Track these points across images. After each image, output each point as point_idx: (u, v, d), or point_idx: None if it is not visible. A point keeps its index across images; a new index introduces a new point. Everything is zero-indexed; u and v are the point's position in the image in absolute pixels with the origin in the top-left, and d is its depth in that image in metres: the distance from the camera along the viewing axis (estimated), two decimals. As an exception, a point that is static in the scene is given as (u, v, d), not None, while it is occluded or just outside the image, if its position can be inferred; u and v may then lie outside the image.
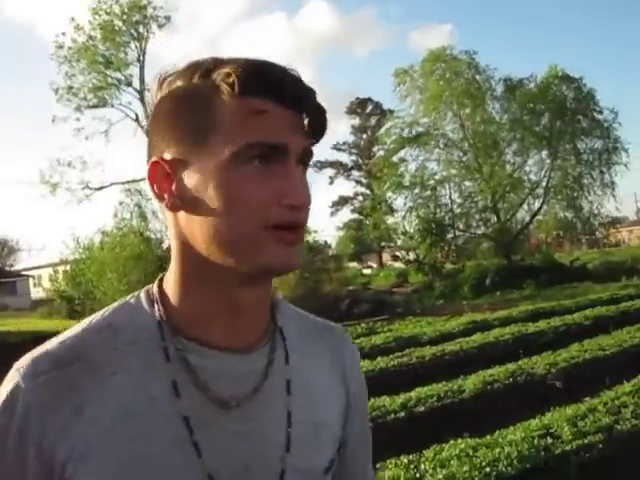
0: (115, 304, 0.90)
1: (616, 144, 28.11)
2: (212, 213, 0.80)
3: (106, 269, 22.91)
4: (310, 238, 23.44)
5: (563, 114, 27.46)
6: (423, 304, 22.36)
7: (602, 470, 4.25)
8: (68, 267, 26.28)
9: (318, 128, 0.85)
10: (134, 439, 0.80)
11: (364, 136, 55.65)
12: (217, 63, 0.83)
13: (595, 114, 28.26)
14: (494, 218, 28.97)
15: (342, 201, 56.76)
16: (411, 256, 30.20)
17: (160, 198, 0.84)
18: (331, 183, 56.59)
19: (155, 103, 0.86)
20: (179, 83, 0.84)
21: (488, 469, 4.00)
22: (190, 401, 0.82)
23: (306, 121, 0.83)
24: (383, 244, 43.08)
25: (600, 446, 4.38)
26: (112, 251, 23.53)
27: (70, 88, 27.06)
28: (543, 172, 28.62)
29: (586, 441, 4.42)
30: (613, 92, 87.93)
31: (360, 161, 55.71)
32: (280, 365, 0.90)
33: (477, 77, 28.46)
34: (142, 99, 27.56)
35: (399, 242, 31.97)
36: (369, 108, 55.80)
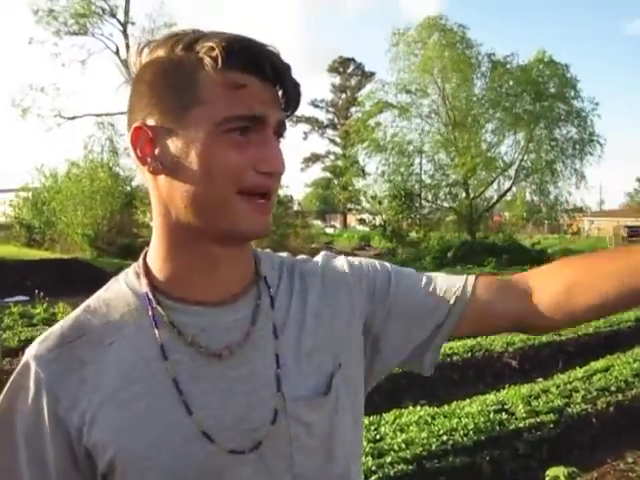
0: (108, 283, 0.97)
1: (592, 136, 28.45)
2: (191, 178, 0.85)
3: (71, 200, 22.48)
4: (281, 192, 23.33)
5: (542, 98, 27.60)
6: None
7: (551, 448, 4.48)
8: (29, 194, 25.60)
9: (293, 102, 0.91)
10: (136, 399, 0.86)
11: (343, 96, 55.37)
12: (199, 36, 0.85)
13: (575, 102, 28.47)
14: (463, 193, 29.25)
15: (314, 158, 56.66)
16: (377, 221, 30.37)
17: (142, 162, 0.88)
18: (305, 138, 56.40)
19: (136, 70, 0.89)
20: (160, 53, 0.86)
21: (445, 437, 4.19)
22: (181, 360, 0.88)
23: (281, 94, 0.89)
24: (349, 206, 43.22)
25: (551, 426, 4.62)
26: (79, 183, 22.99)
27: (51, 11, 26.00)
28: (517, 154, 28.93)
29: (538, 420, 4.65)
30: (596, 86, 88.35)
31: (336, 120, 55.48)
32: (266, 310, 0.94)
33: (466, 52, 28.39)
34: (125, 32, 26.78)
35: (367, 206, 32.09)
36: (351, 68, 55.46)
